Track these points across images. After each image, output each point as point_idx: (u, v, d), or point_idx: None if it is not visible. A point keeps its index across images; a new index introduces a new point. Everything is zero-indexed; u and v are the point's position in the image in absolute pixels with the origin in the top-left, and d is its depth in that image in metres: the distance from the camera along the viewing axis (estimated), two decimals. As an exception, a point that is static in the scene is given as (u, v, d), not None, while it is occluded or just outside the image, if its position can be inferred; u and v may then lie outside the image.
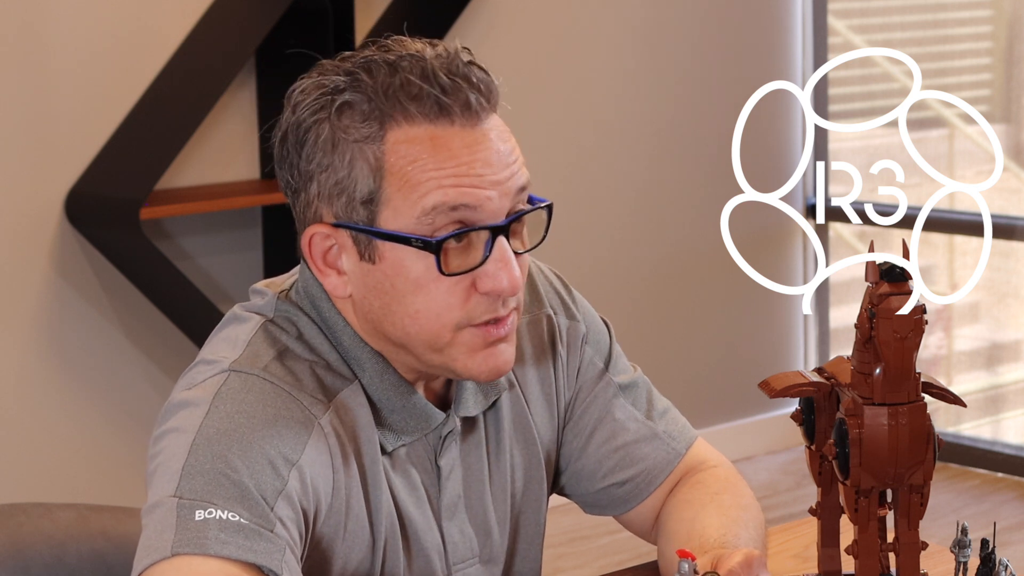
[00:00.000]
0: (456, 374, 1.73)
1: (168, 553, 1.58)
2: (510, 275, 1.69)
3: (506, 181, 1.69)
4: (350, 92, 1.68)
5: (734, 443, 5.28)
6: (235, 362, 1.70)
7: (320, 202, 1.70)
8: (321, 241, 1.71)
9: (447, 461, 1.80)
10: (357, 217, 1.68)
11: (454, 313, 1.69)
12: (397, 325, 1.70)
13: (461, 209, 1.67)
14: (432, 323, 1.69)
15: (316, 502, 1.68)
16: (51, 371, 4.15)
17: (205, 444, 1.63)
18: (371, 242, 1.69)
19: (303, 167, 1.70)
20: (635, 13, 5.10)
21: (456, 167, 1.67)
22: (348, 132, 1.68)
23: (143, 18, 4.19)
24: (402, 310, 1.69)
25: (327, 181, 1.69)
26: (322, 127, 1.69)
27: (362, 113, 1.67)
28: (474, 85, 1.68)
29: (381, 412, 1.75)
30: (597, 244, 5.07)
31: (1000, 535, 4.60)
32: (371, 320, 1.72)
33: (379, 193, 1.67)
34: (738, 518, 1.88)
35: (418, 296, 1.68)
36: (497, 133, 1.71)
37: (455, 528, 1.81)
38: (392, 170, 1.67)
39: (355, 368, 1.74)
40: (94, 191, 4.10)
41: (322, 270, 1.72)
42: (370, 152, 1.67)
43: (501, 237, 1.69)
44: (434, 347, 1.71)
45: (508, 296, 1.70)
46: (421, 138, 1.67)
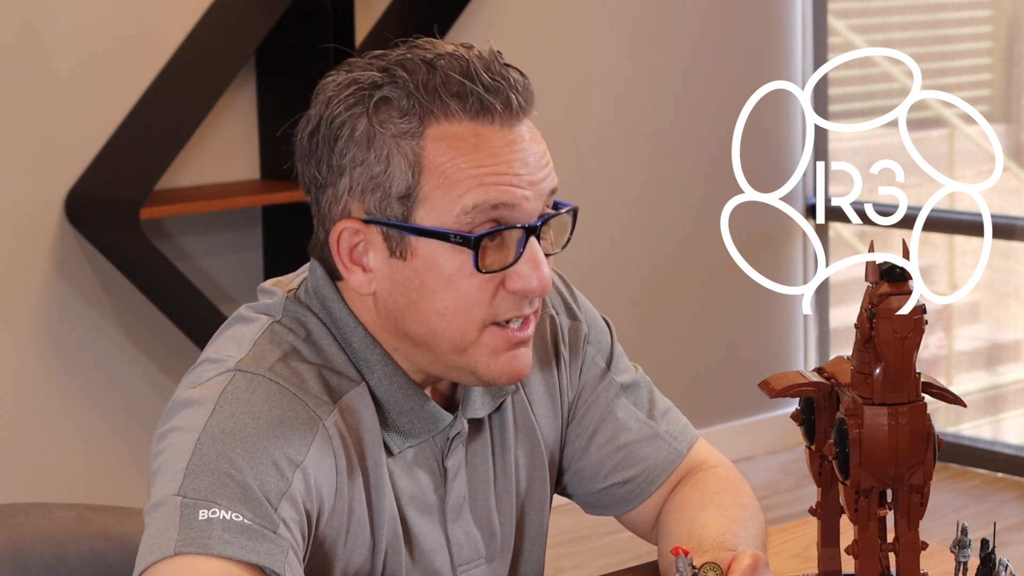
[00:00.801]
0: (476, 376, 1.73)
1: (171, 552, 1.58)
2: (540, 275, 1.69)
3: (541, 182, 1.70)
4: (389, 88, 1.68)
5: (734, 443, 5.28)
6: (241, 362, 1.69)
7: (351, 197, 1.69)
8: (349, 237, 1.70)
9: (453, 463, 1.80)
10: (392, 213, 1.68)
11: (482, 310, 1.69)
12: (423, 323, 1.70)
13: (500, 208, 1.67)
14: (460, 320, 1.69)
15: (319, 504, 1.68)
16: (51, 371, 4.15)
17: (209, 444, 1.63)
18: (404, 238, 1.68)
19: (335, 161, 1.69)
20: (635, 13, 5.10)
21: (496, 165, 1.67)
22: (386, 127, 1.67)
23: (143, 18, 4.19)
24: (430, 307, 1.69)
25: (361, 176, 1.68)
26: (359, 121, 1.68)
27: (400, 109, 1.67)
28: (513, 86, 1.69)
29: (389, 414, 1.74)
30: (597, 244, 5.07)
31: (1000, 535, 4.60)
32: (393, 318, 1.72)
33: (417, 189, 1.67)
34: (738, 518, 1.88)
35: (448, 293, 1.68)
36: (532, 135, 1.71)
37: (460, 529, 1.81)
38: (431, 167, 1.67)
39: (363, 369, 1.74)
40: (94, 191, 4.10)
41: (347, 266, 1.71)
42: (408, 148, 1.67)
43: (533, 238, 1.69)
44: (459, 347, 1.70)
45: (537, 296, 1.71)
46: (462, 135, 1.67)
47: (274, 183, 4.33)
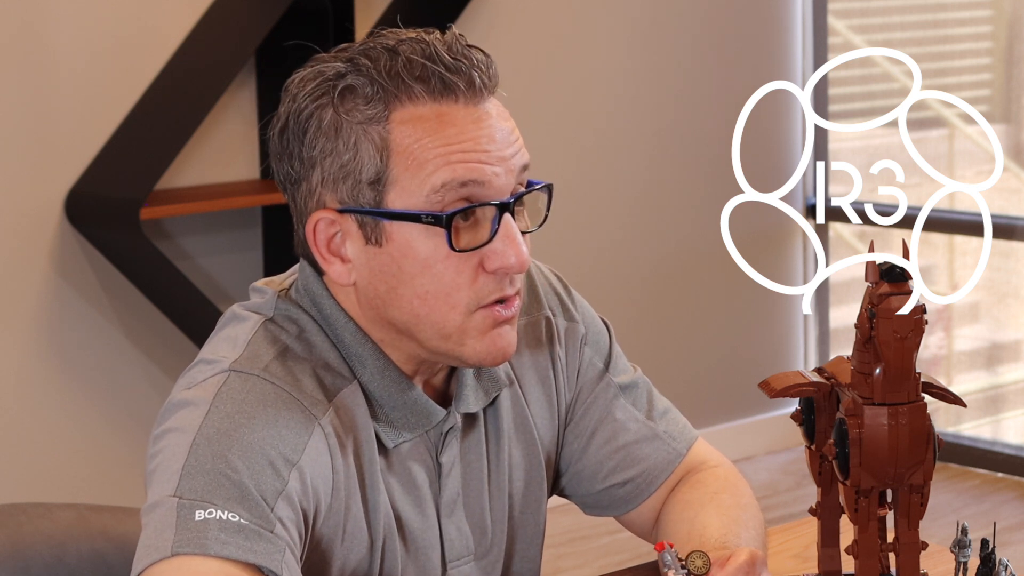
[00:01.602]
0: (461, 359, 1.73)
1: (168, 553, 1.58)
2: (517, 252, 1.69)
3: (511, 158, 1.70)
4: (352, 76, 1.69)
5: (734, 443, 5.28)
6: (235, 362, 1.70)
7: (324, 188, 1.70)
8: (326, 228, 1.71)
9: (448, 458, 1.80)
10: (364, 199, 1.69)
11: (463, 293, 1.69)
12: (404, 309, 1.70)
13: (470, 185, 1.67)
14: (442, 304, 1.69)
15: (316, 503, 1.68)
16: (51, 371, 4.15)
17: (205, 444, 1.63)
18: (378, 224, 1.69)
19: (305, 155, 1.70)
20: (635, 13, 5.10)
21: (463, 143, 1.68)
22: (352, 115, 1.68)
23: (143, 18, 4.19)
24: (410, 292, 1.70)
25: (331, 166, 1.69)
26: (324, 112, 1.69)
27: (365, 96, 1.68)
28: (476, 64, 1.70)
29: (382, 409, 1.75)
30: (597, 244, 5.07)
31: (1000, 535, 4.60)
32: (375, 307, 1.72)
33: (386, 173, 1.68)
34: (738, 518, 1.88)
35: (426, 277, 1.69)
36: (498, 112, 1.72)
37: (452, 526, 1.81)
38: (398, 150, 1.67)
39: (356, 365, 1.74)
40: (94, 191, 4.10)
41: (326, 258, 1.72)
42: (375, 133, 1.68)
43: (507, 214, 1.70)
44: (442, 332, 1.71)
45: (516, 273, 1.71)
46: (426, 116, 1.68)
47: (274, 183, 4.31)
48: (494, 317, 1.71)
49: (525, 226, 1.74)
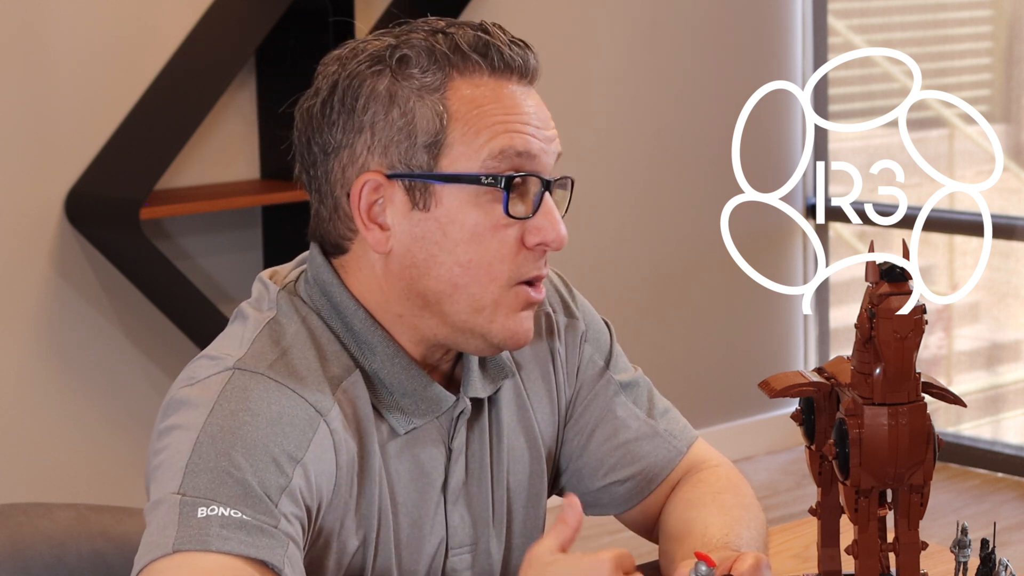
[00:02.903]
0: (487, 338, 1.74)
1: (170, 550, 1.59)
2: (556, 228, 1.73)
3: (552, 141, 1.75)
4: (406, 48, 1.71)
5: (734, 443, 5.28)
6: (240, 360, 1.70)
7: (371, 155, 1.71)
8: (369, 193, 1.72)
9: (457, 444, 1.81)
10: (416, 163, 1.70)
11: (505, 266, 1.71)
12: (443, 277, 1.71)
13: (524, 156, 1.71)
14: (483, 274, 1.71)
15: (319, 498, 1.68)
16: (51, 371, 4.15)
17: (209, 442, 1.63)
18: (428, 188, 1.70)
19: (355, 121, 1.71)
20: (635, 13, 5.10)
21: (518, 115, 1.72)
22: (409, 81, 1.71)
23: (143, 18, 4.19)
24: (452, 260, 1.71)
25: (383, 130, 1.71)
26: (379, 79, 1.71)
27: (421, 66, 1.71)
28: (530, 50, 1.75)
29: (392, 395, 1.75)
30: (597, 244, 5.07)
31: (1000, 535, 4.60)
32: (408, 277, 1.73)
33: (444, 136, 1.70)
34: (740, 518, 1.88)
35: (471, 245, 1.71)
36: (540, 101, 1.77)
37: (456, 513, 1.81)
38: (456, 115, 1.70)
39: (364, 353, 1.74)
40: (94, 191, 4.10)
41: (366, 224, 1.73)
42: (432, 100, 1.70)
43: (548, 193, 1.73)
44: (477, 304, 1.72)
45: (555, 249, 1.73)
46: (483, 88, 1.72)
47: (274, 183, 4.33)
48: (527, 297, 1.74)
49: None
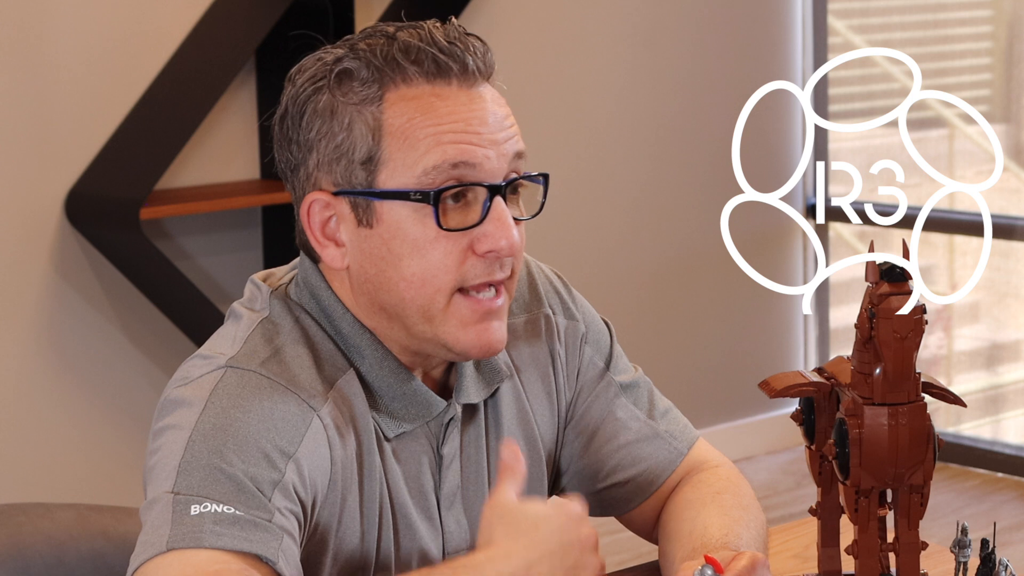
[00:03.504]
0: (448, 349, 1.73)
1: (163, 548, 1.59)
2: (508, 235, 1.70)
3: (503, 143, 1.71)
4: (348, 60, 1.71)
5: (734, 443, 5.28)
6: (232, 359, 1.71)
7: (320, 171, 1.72)
8: (320, 211, 1.72)
9: (449, 450, 1.80)
10: (356, 180, 1.70)
11: (450, 276, 1.70)
12: (392, 292, 1.71)
13: (461, 167, 1.68)
14: (427, 287, 1.70)
15: (314, 494, 1.69)
16: (51, 371, 4.15)
17: (201, 440, 1.64)
18: (369, 205, 1.70)
19: (303, 138, 1.72)
20: (635, 13, 5.10)
21: (454, 123, 1.69)
22: (347, 96, 1.71)
23: (143, 18, 4.19)
24: (398, 275, 1.70)
25: (326, 148, 1.71)
26: (321, 95, 1.72)
27: (361, 78, 1.70)
28: (471, 50, 1.72)
29: (382, 399, 1.75)
30: (597, 244, 5.07)
31: (1000, 535, 4.60)
32: (367, 292, 1.73)
33: (378, 153, 1.69)
34: (739, 518, 1.87)
35: (415, 258, 1.70)
36: (493, 98, 1.74)
37: (452, 518, 1.81)
38: (391, 130, 1.69)
39: (354, 356, 1.75)
40: (94, 191, 4.10)
41: (320, 242, 1.73)
42: (368, 114, 1.70)
43: (498, 197, 1.71)
44: (427, 315, 1.71)
45: (505, 257, 1.71)
46: (419, 96, 1.70)
47: (274, 183, 4.33)
48: (474, 308, 1.71)
49: (519, 214, 1.74)
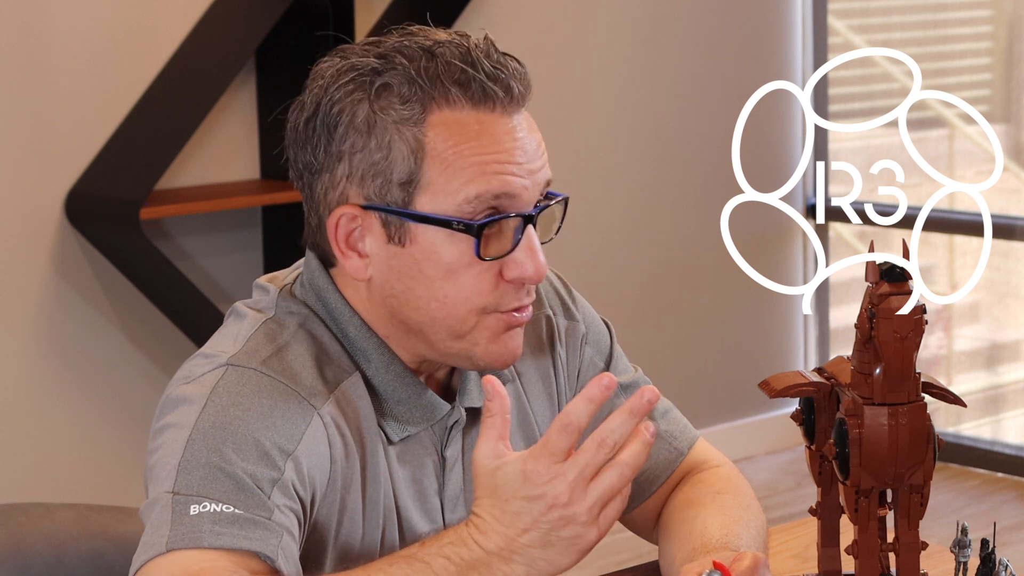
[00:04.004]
0: (473, 361, 1.73)
1: (163, 549, 1.59)
2: (536, 263, 1.71)
3: (538, 172, 1.71)
4: (389, 74, 1.68)
5: (734, 443, 5.28)
6: (233, 357, 1.70)
7: (350, 183, 1.70)
8: (347, 223, 1.71)
9: (452, 452, 1.80)
10: (392, 199, 1.68)
11: (482, 299, 1.70)
12: (421, 310, 1.71)
13: (502, 198, 1.68)
14: (459, 308, 1.70)
15: (313, 491, 1.68)
16: (51, 371, 4.15)
17: (201, 439, 1.64)
18: (403, 225, 1.69)
19: (334, 148, 1.69)
20: (635, 13, 5.10)
21: (499, 153, 1.68)
22: (387, 113, 1.68)
23: (143, 18, 4.19)
24: (429, 295, 1.70)
25: (361, 162, 1.69)
26: (359, 108, 1.68)
27: (402, 96, 1.67)
28: (513, 73, 1.70)
29: (387, 402, 1.75)
30: (597, 244, 5.07)
31: (1000, 535, 4.60)
32: (389, 305, 1.72)
33: (419, 175, 1.67)
34: (739, 518, 1.87)
35: (448, 281, 1.69)
36: (530, 126, 1.73)
37: (455, 520, 1.81)
38: (433, 154, 1.67)
39: (360, 359, 1.74)
40: (94, 191, 4.09)
41: (344, 252, 1.72)
42: (410, 134, 1.67)
43: (531, 227, 1.71)
44: (457, 333, 1.71)
45: (533, 283, 1.72)
46: (464, 122, 1.68)
47: (274, 183, 4.33)
48: (507, 322, 1.72)
49: (542, 236, 1.75)
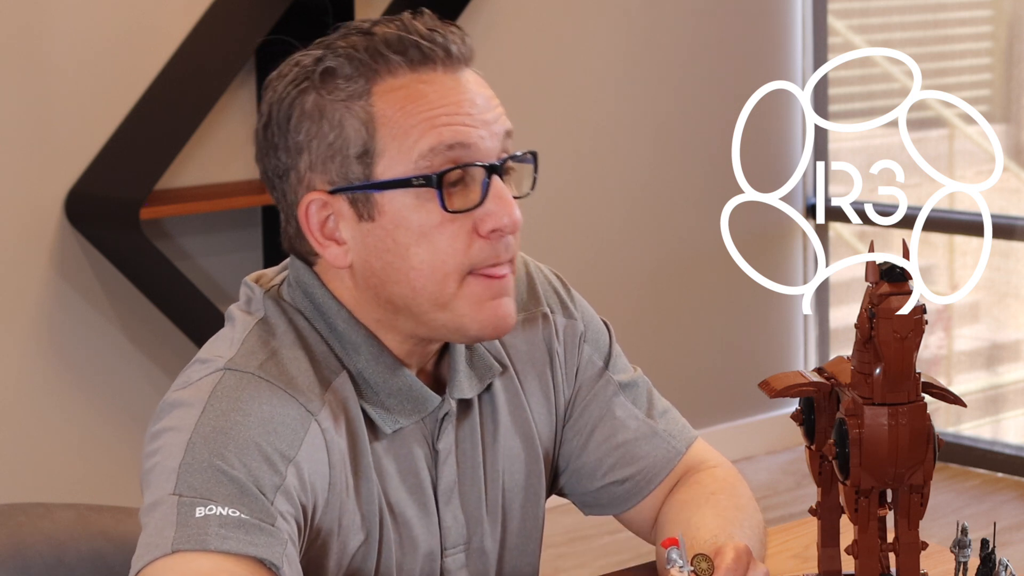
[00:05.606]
0: (464, 332, 1.73)
1: (169, 550, 1.59)
2: (509, 212, 1.71)
3: (494, 122, 1.73)
4: (330, 59, 1.71)
5: (734, 443, 5.28)
6: (230, 361, 1.71)
7: (313, 173, 1.72)
8: (317, 211, 1.72)
9: (444, 445, 1.81)
10: (353, 176, 1.70)
11: (458, 259, 1.70)
12: (402, 283, 1.71)
13: (456, 148, 1.69)
14: (437, 272, 1.70)
15: (314, 498, 1.69)
16: (51, 371, 4.15)
17: (202, 442, 1.64)
18: (369, 198, 1.70)
19: (291, 142, 1.72)
20: (635, 13, 5.10)
21: (445, 106, 1.70)
22: (334, 94, 1.70)
23: (143, 18, 4.19)
24: (406, 265, 1.71)
25: (318, 148, 1.71)
26: (306, 97, 1.71)
27: (345, 75, 1.70)
28: (451, 36, 1.73)
29: (377, 395, 1.75)
30: (597, 244, 5.07)
31: (1000, 535, 4.60)
32: (372, 287, 1.73)
33: (373, 145, 1.70)
34: (734, 518, 1.87)
35: (421, 246, 1.70)
36: (477, 81, 1.75)
37: (449, 514, 1.82)
38: (383, 120, 1.69)
39: (349, 353, 1.75)
40: (94, 191, 4.10)
41: (321, 243, 1.73)
42: (359, 108, 1.70)
43: (496, 176, 1.72)
44: (439, 302, 1.71)
45: (509, 234, 1.72)
46: (407, 85, 1.70)
47: (274, 183, 4.32)
48: (487, 285, 1.72)
49: (515, 191, 1.75)
